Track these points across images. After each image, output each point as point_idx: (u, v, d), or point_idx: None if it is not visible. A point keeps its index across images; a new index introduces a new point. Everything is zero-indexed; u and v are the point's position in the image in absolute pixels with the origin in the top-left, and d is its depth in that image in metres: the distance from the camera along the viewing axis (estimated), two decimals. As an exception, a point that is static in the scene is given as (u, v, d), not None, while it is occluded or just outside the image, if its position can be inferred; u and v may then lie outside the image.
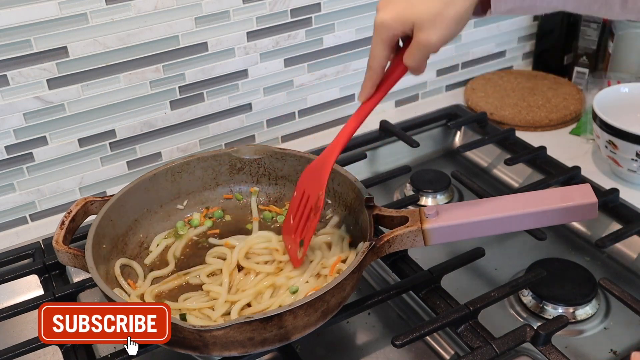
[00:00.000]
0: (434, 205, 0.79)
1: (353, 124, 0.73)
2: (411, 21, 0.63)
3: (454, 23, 0.63)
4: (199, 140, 1.11)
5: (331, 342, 0.82)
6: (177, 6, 0.98)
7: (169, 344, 0.67)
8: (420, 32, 0.63)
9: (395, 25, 0.64)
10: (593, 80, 1.26)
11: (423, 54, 0.65)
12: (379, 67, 0.68)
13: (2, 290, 0.90)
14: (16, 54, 0.90)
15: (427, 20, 0.63)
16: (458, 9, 0.63)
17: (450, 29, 0.63)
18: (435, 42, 0.63)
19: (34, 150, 0.98)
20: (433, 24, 0.63)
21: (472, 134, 1.19)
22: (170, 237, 0.88)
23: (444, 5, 0.62)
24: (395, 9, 0.64)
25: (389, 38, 0.66)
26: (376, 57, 0.67)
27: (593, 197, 0.73)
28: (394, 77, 0.70)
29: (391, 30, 0.65)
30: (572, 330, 0.82)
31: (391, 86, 0.70)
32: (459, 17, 0.63)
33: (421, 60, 0.66)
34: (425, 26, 0.63)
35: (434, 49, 0.64)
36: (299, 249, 0.77)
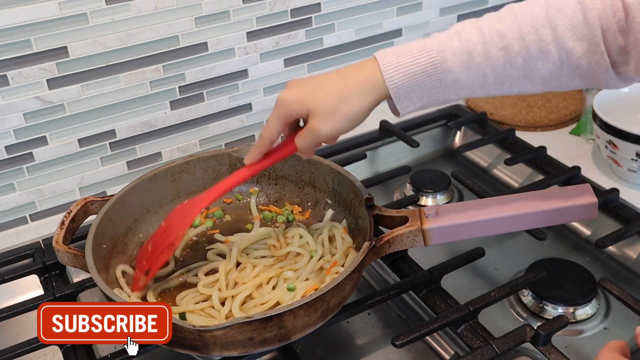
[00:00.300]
0: (434, 205, 0.79)
1: (231, 181, 0.75)
2: (307, 108, 0.67)
3: (346, 120, 0.66)
4: (199, 140, 1.11)
5: (331, 342, 0.82)
6: (177, 6, 0.98)
7: (169, 344, 0.67)
8: (313, 120, 0.67)
9: (293, 107, 0.68)
10: (593, 80, 1.26)
11: (312, 140, 0.69)
12: (270, 139, 0.71)
13: (2, 290, 0.90)
14: (16, 54, 0.90)
15: (321, 111, 0.66)
16: (352, 107, 0.66)
17: (341, 124, 0.67)
18: (325, 132, 0.67)
19: (34, 150, 0.98)
20: (326, 116, 0.66)
21: (472, 134, 1.19)
22: None
23: (339, 101, 0.66)
24: (298, 92, 0.68)
25: (285, 116, 0.69)
26: (269, 129, 0.70)
27: (593, 197, 0.73)
28: (283, 152, 0.73)
29: (288, 110, 0.68)
30: (572, 330, 0.81)
31: (277, 160, 0.74)
32: (351, 116, 0.66)
33: (310, 145, 0.69)
34: (319, 116, 0.66)
35: (321, 138, 0.68)
36: (142, 277, 0.77)
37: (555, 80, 0.65)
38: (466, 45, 0.63)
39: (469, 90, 0.66)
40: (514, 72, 0.64)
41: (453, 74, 0.64)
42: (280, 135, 0.72)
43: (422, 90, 0.65)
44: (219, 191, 0.76)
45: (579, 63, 0.63)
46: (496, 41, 0.63)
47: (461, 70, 0.64)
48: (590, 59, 0.62)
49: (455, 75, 0.64)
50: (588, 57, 0.62)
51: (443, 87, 0.65)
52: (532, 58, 0.63)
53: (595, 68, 0.63)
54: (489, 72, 0.64)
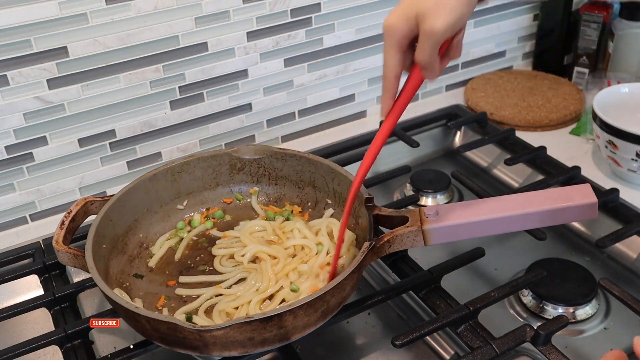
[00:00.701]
0: (434, 205, 0.79)
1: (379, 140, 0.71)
2: (414, 14, 0.62)
3: (457, 6, 0.61)
4: (199, 140, 1.11)
5: (331, 342, 0.82)
6: (177, 6, 0.98)
7: (169, 344, 0.68)
8: (424, 21, 0.61)
9: (400, 24, 0.63)
10: (593, 80, 1.26)
11: (431, 44, 0.62)
12: (394, 75, 0.65)
13: (2, 290, 0.90)
14: (16, 54, 0.90)
15: (428, 8, 0.61)
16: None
17: (454, 12, 0.61)
18: (440, 27, 0.60)
19: (34, 150, 0.98)
20: (435, 10, 0.60)
21: (472, 134, 1.19)
22: (173, 238, 0.88)
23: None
24: (400, 8, 0.63)
25: (397, 40, 0.64)
26: (389, 65, 0.65)
27: (593, 197, 0.73)
28: (410, 86, 0.67)
29: (398, 31, 0.63)
30: (572, 330, 0.82)
31: (410, 96, 0.67)
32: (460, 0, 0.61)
33: (432, 53, 0.62)
34: (428, 14, 0.61)
35: (440, 37, 0.61)
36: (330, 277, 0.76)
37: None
38: None
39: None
40: None
41: None
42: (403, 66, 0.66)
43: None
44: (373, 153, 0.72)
45: None
46: None
47: None
48: None
49: None
50: None
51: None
52: None
53: None
54: None
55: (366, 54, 1.19)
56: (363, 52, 1.19)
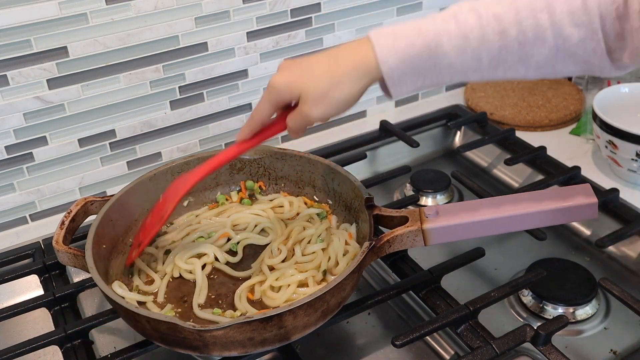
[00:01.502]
0: (434, 205, 0.79)
1: (221, 158, 0.76)
2: (298, 92, 0.67)
3: (336, 105, 0.66)
4: (199, 140, 1.11)
5: (331, 342, 0.82)
6: (177, 6, 0.98)
7: (169, 344, 0.68)
8: (304, 104, 0.67)
9: (284, 92, 0.68)
10: (593, 80, 1.26)
11: (303, 122, 0.68)
12: (260, 120, 0.71)
13: (2, 290, 0.90)
14: (16, 54, 0.90)
15: (312, 96, 0.66)
16: (344, 92, 0.66)
17: (331, 109, 0.67)
18: (315, 116, 0.67)
19: (34, 150, 0.98)
20: (316, 101, 0.66)
21: (472, 134, 1.19)
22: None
23: (330, 86, 0.65)
24: (289, 76, 0.68)
25: (275, 100, 0.69)
26: (260, 111, 0.70)
27: (593, 197, 0.73)
28: (273, 130, 0.73)
29: (279, 95, 0.68)
30: (572, 330, 0.82)
31: (268, 137, 0.73)
32: (342, 101, 0.66)
33: (300, 127, 0.69)
34: (309, 101, 0.66)
35: (312, 121, 0.68)
36: (135, 249, 0.81)
37: (550, 66, 0.64)
38: (462, 29, 0.62)
39: (463, 75, 0.65)
40: (509, 56, 0.63)
41: (448, 58, 0.63)
42: (271, 116, 0.71)
43: (416, 74, 0.65)
44: (210, 167, 0.76)
45: (575, 50, 0.62)
46: (493, 25, 0.62)
47: (456, 54, 0.63)
48: (587, 45, 0.62)
49: (450, 59, 0.63)
50: (584, 44, 0.61)
51: (437, 71, 0.64)
52: (528, 43, 0.62)
53: (591, 55, 0.62)
54: (485, 56, 0.63)
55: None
56: (363, 52, 1.19)
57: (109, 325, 0.80)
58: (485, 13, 0.63)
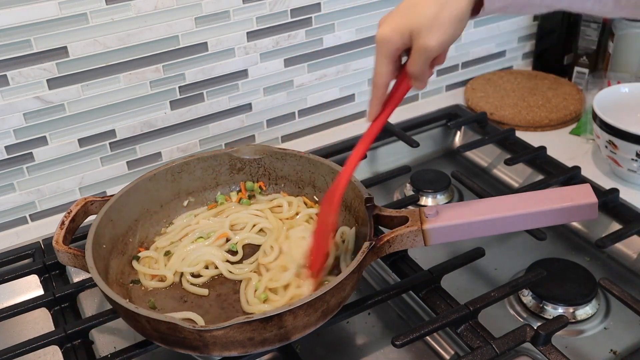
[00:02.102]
0: (434, 205, 0.79)
1: (366, 142, 0.72)
2: (409, 29, 0.63)
3: (451, 25, 0.63)
4: (199, 140, 1.11)
5: (331, 342, 0.82)
6: (177, 6, 0.98)
7: (169, 344, 0.68)
8: (419, 38, 0.63)
9: (395, 38, 0.64)
10: (593, 80, 1.26)
11: (424, 59, 0.64)
12: (384, 83, 0.67)
13: (2, 290, 0.90)
14: (16, 54, 0.90)
15: (423, 26, 0.62)
16: (453, 10, 0.62)
17: (447, 32, 0.63)
18: (434, 45, 0.63)
19: (34, 150, 0.98)
20: (429, 28, 0.62)
21: (472, 134, 1.19)
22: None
23: (439, 8, 0.62)
24: (394, 21, 0.64)
25: (390, 52, 0.65)
26: (380, 73, 0.66)
27: (593, 197, 0.73)
28: (399, 93, 0.69)
29: (391, 43, 0.64)
30: (572, 330, 0.82)
31: (397, 103, 0.69)
32: (455, 19, 0.63)
33: (423, 67, 0.65)
34: (423, 31, 0.63)
35: (433, 53, 0.64)
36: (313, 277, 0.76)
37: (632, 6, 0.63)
38: None
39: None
40: None
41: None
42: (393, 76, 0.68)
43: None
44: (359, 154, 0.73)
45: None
46: None
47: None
48: None
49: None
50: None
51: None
52: None
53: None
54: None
55: (366, 54, 1.19)
56: (363, 52, 1.19)
57: (109, 325, 0.80)
58: None
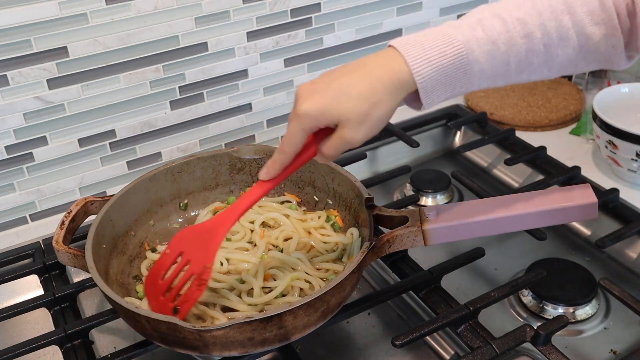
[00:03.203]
0: (434, 205, 0.79)
1: (250, 201, 0.71)
2: (337, 118, 0.63)
3: (379, 123, 0.64)
4: (199, 140, 1.11)
5: (331, 342, 0.82)
6: (177, 6, 0.98)
7: (169, 344, 0.68)
8: (345, 129, 0.63)
9: (320, 119, 0.63)
10: (593, 80, 1.26)
11: (344, 148, 0.65)
12: (293, 153, 0.67)
13: (2, 290, 0.90)
14: (16, 54, 0.90)
15: (353, 120, 0.62)
16: (384, 109, 0.63)
17: (374, 128, 0.64)
18: (360, 139, 0.64)
19: (34, 150, 0.98)
20: (359, 123, 0.63)
21: (472, 134, 1.19)
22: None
23: (371, 106, 0.62)
24: (321, 101, 0.63)
25: (311, 128, 0.65)
26: (293, 143, 0.66)
27: (593, 197, 0.73)
28: (302, 160, 0.69)
29: (315, 122, 0.64)
30: (572, 330, 0.82)
31: (296, 168, 0.69)
32: (384, 118, 0.64)
33: (340, 153, 0.66)
34: (351, 125, 0.63)
35: (356, 146, 0.65)
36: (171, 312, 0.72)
37: (572, 65, 0.65)
38: (490, 35, 0.63)
39: (491, 81, 0.65)
40: (535, 59, 0.64)
41: (479, 65, 0.63)
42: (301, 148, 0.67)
43: (448, 83, 0.64)
44: (240, 212, 0.71)
45: (597, 47, 0.64)
46: (518, 29, 0.63)
47: (486, 60, 0.63)
48: (608, 42, 0.63)
49: (481, 65, 0.63)
50: (605, 41, 0.63)
51: (467, 78, 0.64)
52: (553, 44, 0.63)
53: (611, 51, 0.64)
54: (512, 60, 0.64)
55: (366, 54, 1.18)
56: (363, 52, 1.19)
57: (109, 325, 0.80)
58: (509, 18, 0.63)
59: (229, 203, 0.92)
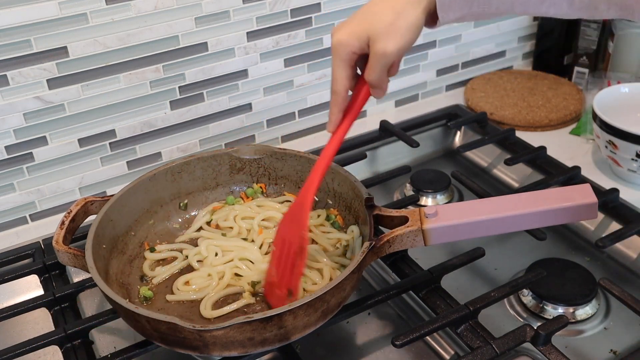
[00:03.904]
0: (434, 205, 0.79)
1: (328, 155, 0.72)
2: (366, 35, 0.65)
3: (407, 32, 0.65)
4: (199, 140, 1.11)
5: (331, 342, 0.82)
6: (177, 6, 0.98)
7: (169, 344, 0.68)
8: (376, 43, 0.65)
9: (352, 42, 0.65)
10: (593, 80, 1.26)
11: (382, 64, 0.66)
12: (344, 89, 0.68)
13: (2, 290, 0.90)
14: (16, 54, 0.90)
15: (381, 32, 0.64)
16: (410, 18, 0.65)
17: (404, 38, 0.65)
18: (392, 50, 0.64)
19: (34, 150, 0.98)
20: (387, 34, 0.64)
21: (472, 134, 1.19)
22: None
23: (395, 16, 0.64)
24: (350, 27, 0.66)
25: (348, 56, 0.66)
26: (339, 79, 0.67)
27: (593, 197, 0.73)
28: (359, 103, 0.70)
29: (348, 47, 0.66)
30: (572, 330, 0.82)
31: (357, 113, 0.70)
32: (411, 26, 0.65)
33: (381, 73, 0.66)
34: (380, 37, 0.64)
35: (390, 58, 0.65)
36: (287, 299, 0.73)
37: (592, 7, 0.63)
38: None
39: (510, 5, 0.64)
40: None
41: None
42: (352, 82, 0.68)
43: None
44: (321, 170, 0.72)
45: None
46: None
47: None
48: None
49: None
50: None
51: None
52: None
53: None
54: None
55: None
56: (363, 52, 1.19)
57: (109, 325, 0.80)
58: None
59: (228, 203, 0.92)
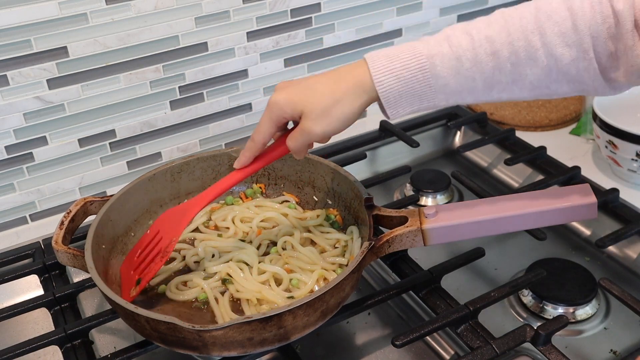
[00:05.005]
0: (434, 205, 0.79)
1: (223, 185, 0.75)
2: (300, 109, 0.68)
3: (338, 121, 0.67)
4: (199, 140, 1.11)
5: (331, 342, 0.82)
6: (177, 6, 0.98)
7: (169, 344, 0.68)
8: (306, 120, 0.68)
9: (286, 109, 0.68)
10: (593, 80, 1.26)
11: (305, 140, 0.69)
12: (262, 141, 0.72)
13: (2, 290, 0.90)
14: (16, 54, 0.90)
15: (314, 112, 0.67)
16: (345, 109, 0.67)
17: (332, 125, 0.68)
18: (318, 133, 0.68)
19: (34, 150, 0.98)
20: (318, 117, 0.67)
21: (472, 134, 1.19)
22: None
23: (333, 102, 0.67)
24: (290, 93, 0.68)
25: (277, 118, 0.69)
26: (262, 132, 0.71)
27: (593, 197, 0.73)
28: (274, 154, 0.74)
29: (281, 112, 0.69)
30: (572, 330, 0.82)
31: (269, 162, 0.75)
32: (344, 117, 0.67)
33: (302, 145, 0.70)
34: (311, 117, 0.67)
35: (314, 139, 0.69)
36: (133, 287, 0.75)
37: (544, 86, 0.65)
38: (455, 51, 0.64)
39: (458, 96, 0.66)
40: (502, 77, 0.64)
41: (442, 79, 0.65)
42: (272, 137, 0.72)
43: (412, 96, 0.66)
44: (212, 196, 0.76)
45: (568, 69, 0.63)
46: (485, 47, 0.63)
47: (450, 75, 0.64)
48: (579, 65, 0.63)
49: (445, 80, 0.65)
50: (576, 64, 0.63)
51: (432, 93, 0.66)
52: (520, 64, 0.63)
53: (584, 74, 0.63)
54: (478, 77, 0.64)
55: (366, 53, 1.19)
56: (363, 52, 1.18)
57: (109, 325, 0.81)
58: (477, 35, 0.64)
59: (227, 203, 0.92)
